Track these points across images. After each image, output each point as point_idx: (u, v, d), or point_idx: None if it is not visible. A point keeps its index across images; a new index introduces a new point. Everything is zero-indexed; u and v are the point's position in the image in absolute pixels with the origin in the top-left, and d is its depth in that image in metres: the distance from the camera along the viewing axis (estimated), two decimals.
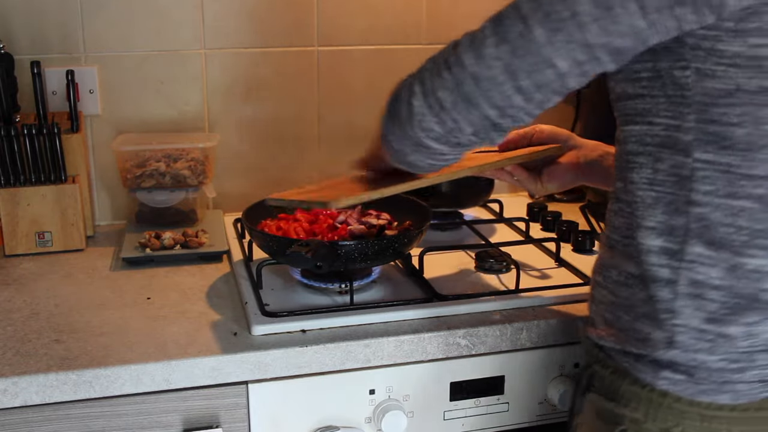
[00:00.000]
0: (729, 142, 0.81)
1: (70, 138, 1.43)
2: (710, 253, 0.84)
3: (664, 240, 0.86)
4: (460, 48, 0.86)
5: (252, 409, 1.10)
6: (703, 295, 0.85)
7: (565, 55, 0.81)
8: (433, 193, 1.50)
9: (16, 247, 1.40)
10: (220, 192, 1.59)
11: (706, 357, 0.85)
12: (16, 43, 1.48)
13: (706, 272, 0.84)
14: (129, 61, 1.55)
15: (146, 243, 1.39)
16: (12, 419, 1.03)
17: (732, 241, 0.83)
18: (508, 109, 0.86)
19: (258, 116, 1.64)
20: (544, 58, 0.81)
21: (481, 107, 0.86)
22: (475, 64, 0.84)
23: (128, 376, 1.03)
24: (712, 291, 0.85)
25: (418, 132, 0.91)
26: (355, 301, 1.17)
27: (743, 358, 0.85)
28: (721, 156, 0.82)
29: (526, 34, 0.81)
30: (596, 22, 0.78)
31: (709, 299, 0.85)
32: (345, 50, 1.64)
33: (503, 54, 0.83)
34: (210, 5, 1.56)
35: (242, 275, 1.29)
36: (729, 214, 0.83)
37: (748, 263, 0.83)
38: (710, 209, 0.83)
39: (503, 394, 1.20)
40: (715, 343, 0.85)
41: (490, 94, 0.85)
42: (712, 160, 0.83)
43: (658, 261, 0.87)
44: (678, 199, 0.85)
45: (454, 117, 0.87)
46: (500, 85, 0.84)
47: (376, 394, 1.14)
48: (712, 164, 0.83)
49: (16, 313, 1.18)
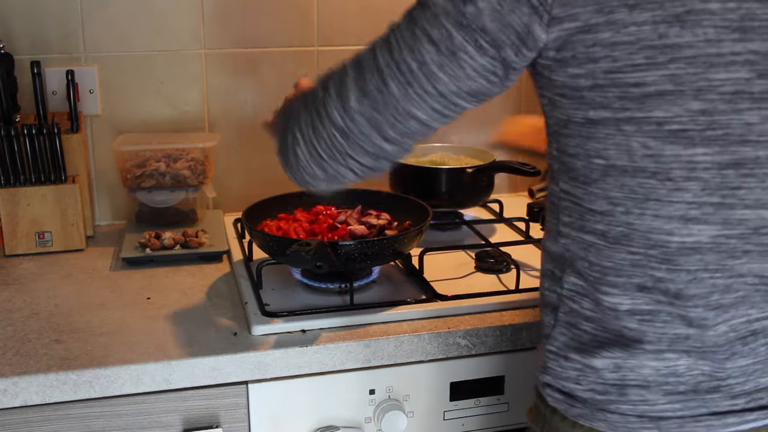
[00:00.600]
0: (574, 174, 0.82)
1: (70, 138, 1.43)
2: (581, 283, 0.84)
3: (552, 265, 0.87)
4: (328, 99, 0.88)
5: (252, 409, 1.10)
6: (577, 324, 0.85)
7: (423, 106, 0.83)
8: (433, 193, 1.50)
9: (16, 247, 1.40)
10: (220, 192, 1.59)
11: (573, 386, 0.85)
12: (16, 43, 1.48)
13: (579, 302, 0.84)
14: (129, 61, 1.55)
15: (146, 243, 1.39)
16: (12, 419, 1.03)
17: (588, 275, 0.83)
18: (381, 153, 0.88)
19: (258, 116, 1.64)
20: (403, 112, 0.83)
21: (355, 157, 0.88)
22: (342, 119, 0.86)
23: (128, 376, 1.03)
24: (584, 322, 0.84)
25: (305, 177, 0.94)
26: (355, 301, 1.17)
27: (613, 391, 0.83)
28: (572, 187, 0.82)
29: (383, 89, 0.83)
30: (442, 69, 0.80)
31: (582, 330, 0.84)
32: (345, 50, 1.63)
33: (366, 109, 0.85)
34: (210, 5, 1.56)
35: (242, 275, 1.29)
36: (582, 248, 0.82)
37: (605, 300, 0.82)
38: (570, 241, 0.84)
39: (503, 394, 1.20)
40: (583, 373, 0.84)
41: (361, 145, 0.87)
42: (567, 190, 0.83)
43: (548, 285, 0.88)
44: (554, 228, 0.86)
45: (334, 167, 0.90)
46: (368, 137, 0.86)
47: (376, 394, 1.14)
48: (569, 195, 0.83)
49: (16, 313, 1.18)
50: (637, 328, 0.81)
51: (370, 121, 0.85)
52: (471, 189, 1.52)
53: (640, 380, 0.81)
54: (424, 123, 0.85)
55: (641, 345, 0.81)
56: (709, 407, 0.81)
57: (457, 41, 0.79)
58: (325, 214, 1.35)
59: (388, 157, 0.89)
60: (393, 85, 0.83)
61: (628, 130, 0.76)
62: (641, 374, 0.81)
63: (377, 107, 0.84)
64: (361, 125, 0.85)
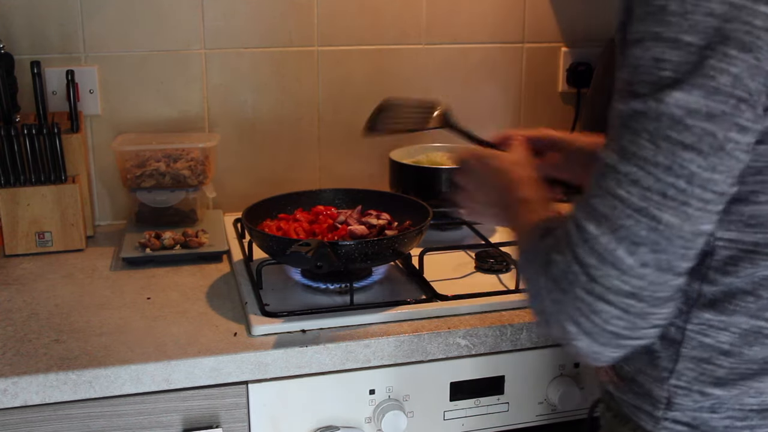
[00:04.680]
0: (755, 221, 0.77)
1: (70, 138, 1.43)
2: (724, 318, 0.80)
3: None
4: (592, 273, 0.72)
5: (252, 409, 1.10)
6: (711, 360, 0.81)
7: (709, 216, 0.71)
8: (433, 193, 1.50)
9: (16, 247, 1.40)
10: (220, 192, 1.59)
11: (708, 415, 0.82)
12: (16, 43, 1.48)
13: (715, 336, 0.80)
14: (129, 61, 1.55)
15: (146, 243, 1.39)
16: (12, 419, 1.03)
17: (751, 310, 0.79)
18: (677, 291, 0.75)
19: (258, 116, 1.64)
20: (690, 235, 0.71)
21: (657, 312, 0.74)
22: (627, 283, 0.72)
23: (128, 376, 1.03)
24: (720, 356, 0.81)
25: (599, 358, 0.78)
26: (355, 301, 1.17)
27: (752, 416, 0.81)
28: (746, 235, 0.78)
29: (656, 226, 0.70)
30: (715, 170, 0.69)
31: (716, 364, 0.81)
32: (345, 50, 1.64)
33: (647, 258, 0.71)
34: (210, 5, 1.56)
35: (242, 275, 1.29)
36: (749, 285, 0.79)
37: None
38: (727, 282, 0.80)
39: (503, 394, 1.20)
40: (719, 401, 0.81)
41: (658, 296, 0.73)
42: (735, 239, 0.78)
43: None
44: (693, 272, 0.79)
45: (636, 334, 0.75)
46: (663, 283, 0.72)
47: (376, 394, 1.14)
48: (735, 243, 0.78)
49: (16, 313, 1.18)
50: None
51: (658, 267, 0.71)
52: None
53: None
54: (710, 232, 0.73)
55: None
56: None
57: (720, 135, 0.68)
58: (325, 214, 1.35)
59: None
60: (667, 215, 0.70)
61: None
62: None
63: (659, 248, 0.71)
64: (649, 277, 0.71)
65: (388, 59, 1.66)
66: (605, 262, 0.71)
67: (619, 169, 0.71)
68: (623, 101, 0.72)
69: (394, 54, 1.66)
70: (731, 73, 0.67)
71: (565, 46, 1.77)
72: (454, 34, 1.69)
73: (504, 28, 1.72)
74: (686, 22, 0.68)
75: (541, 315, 0.79)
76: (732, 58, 0.67)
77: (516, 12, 1.72)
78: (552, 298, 0.76)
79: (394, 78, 1.68)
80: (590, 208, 0.73)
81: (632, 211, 0.70)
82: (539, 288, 0.78)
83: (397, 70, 1.68)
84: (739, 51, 0.67)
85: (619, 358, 0.77)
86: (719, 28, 0.67)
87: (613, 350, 0.75)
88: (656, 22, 0.69)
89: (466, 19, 1.69)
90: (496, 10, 1.70)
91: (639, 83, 0.70)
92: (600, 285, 0.72)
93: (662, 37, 0.69)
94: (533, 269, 0.80)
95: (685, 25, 0.68)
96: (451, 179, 1.11)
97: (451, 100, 1.28)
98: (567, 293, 0.74)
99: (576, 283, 0.73)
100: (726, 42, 0.67)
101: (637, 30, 0.71)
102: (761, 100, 0.69)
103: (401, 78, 1.68)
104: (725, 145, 0.69)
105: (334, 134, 1.68)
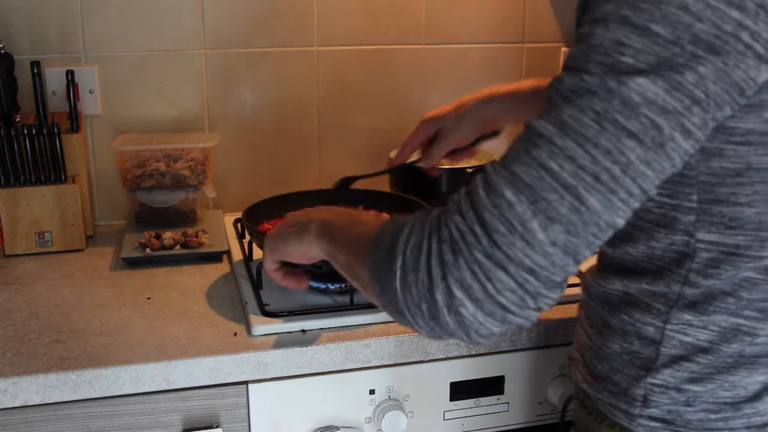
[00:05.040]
0: (736, 223, 0.77)
1: (70, 138, 1.43)
2: (704, 318, 0.81)
3: (651, 300, 0.83)
4: (498, 239, 0.69)
5: (252, 409, 1.10)
6: (689, 357, 0.82)
7: (627, 211, 0.70)
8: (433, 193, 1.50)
9: (16, 247, 1.40)
10: (220, 192, 1.59)
11: (684, 408, 0.83)
12: (16, 43, 1.48)
13: (695, 335, 0.81)
14: (129, 61, 1.55)
15: (146, 243, 1.39)
16: (12, 419, 1.03)
17: (732, 310, 0.80)
18: (567, 279, 0.74)
19: (258, 116, 1.64)
20: (605, 225, 0.70)
21: (547, 294, 0.72)
22: (530, 258, 0.69)
23: (128, 376, 1.03)
24: (699, 353, 0.81)
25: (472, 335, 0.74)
26: (355, 301, 1.17)
27: (726, 408, 0.82)
28: (725, 237, 0.77)
29: (580, 207, 0.68)
30: (649, 166, 0.68)
31: (694, 361, 0.82)
32: (345, 50, 1.64)
33: (559, 237, 0.69)
34: (210, 5, 1.56)
35: (242, 275, 1.29)
36: (729, 287, 0.80)
37: (759, 328, 0.80)
38: (707, 284, 0.80)
39: (503, 394, 1.20)
40: (695, 395, 0.82)
41: (554, 279, 0.71)
42: (714, 240, 0.78)
43: (639, 318, 0.84)
44: (669, 274, 0.81)
45: (521, 315, 0.72)
46: (563, 267, 0.71)
47: (376, 394, 1.14)
48: (715, 245, 0.78)
49: (16, 313, 1.18)
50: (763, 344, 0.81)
51: (565, 249, 0.69)
52: None
53: (750, 394, 0.81)
54: (617, 226, 0.71)
55: (759, 360, 0.81)
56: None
57: (666, 131, 0.67)
58: None
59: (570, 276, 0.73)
60: (593, 199, 0.68)
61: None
62: (751, 390, 0.81)
63: (573, 230, 0.69)
64: (554, 257, 0.69)
65: (388, 59, 1.66)
66: (514, 231, 0.69)
67: (554, 142, 0.68)
68: (571, 75, 0.69)
69: (394, 54, 1.66)
70: (698, 72, 0.67)
71: (565, 46, 1.77)
72: (454, 34, 1.69)
73: (504, 28, 1.72)
74: (658, 12, 0.66)
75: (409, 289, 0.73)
76: (700, 58, 0.66)
77: (516, 12, 1.72)
78: (440, 260, 0.71)
79: (394, 78, 1.68)
80: (511, 174, 0.70)
81: (559, 185, 0.68)
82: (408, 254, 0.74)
83: (397, 70, 1.68)
84: (708, 53, 0.66)
85: (493, 336, 0.74)
86: (690, 25, 0.66)
87: (495, 324, 0.72)
88: (626, 6, 0.67)
89: (466, 19, 1.69)
90: (496, 10, 1.70)
91: (593, 62, 0.68)
92: (502, 253, 0.69)
93: (630, 22, 0.67)
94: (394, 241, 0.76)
95: (657, 14, 0.66)
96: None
97: (451, 100, 1.28)
98: (461, 254, 0.70)
99: (475, 246, 0.70)
100: (696, 42, 0.66)
101: (602, 10, 0.69)
102: (717, 105, 0.68)
103: (401, 78, 1.68)
104: (666, 143, 0.68)
105: (334, 134, 1.68)
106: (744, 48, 0.67)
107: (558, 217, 0.68)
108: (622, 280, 0.85)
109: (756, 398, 0.81)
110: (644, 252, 0.82)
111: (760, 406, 0.81)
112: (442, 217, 0.73)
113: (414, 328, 0.77)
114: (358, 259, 0.82)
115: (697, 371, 0.82)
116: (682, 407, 0.83)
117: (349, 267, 0.86)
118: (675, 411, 0.83)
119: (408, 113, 1.70)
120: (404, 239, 0.75)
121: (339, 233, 0.89)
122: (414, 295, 0.73)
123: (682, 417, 0.83)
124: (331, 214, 0.94)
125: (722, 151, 0.74)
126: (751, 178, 0.74)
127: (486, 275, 0.70)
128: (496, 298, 0.70)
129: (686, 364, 0.82)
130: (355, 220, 0.89)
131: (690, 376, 0.82)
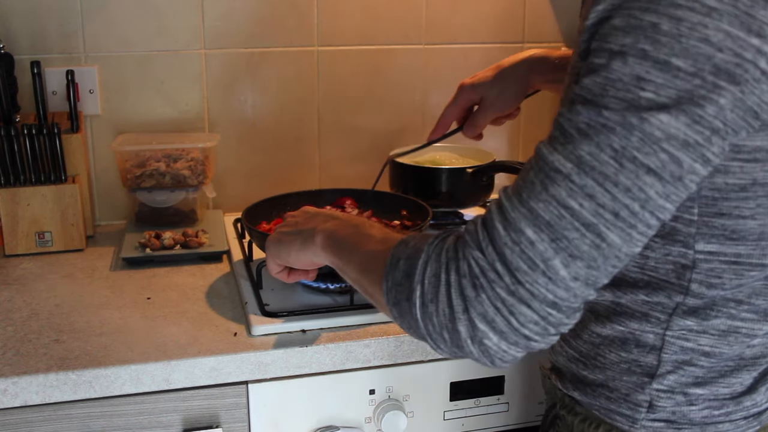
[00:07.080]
0: (738, 234, 0.77)
1: (70, 138, 1.43)
2: (707, 322, 0.82)
3: (648, 308, 0.83)
4: (520, 276, 0.70)
5: (252, 409, 1.10)
6: (692, 361, 0.83)
7: (644, 240, 0.71)
8: (433, 193, 1.50)
9: (16, 247, 1.40)
10: (220, 192, 1.59)
11: (687, 408, 0.84)
12: (16, 43, 1.48)
13: (696, 340, 0.82)
14: (129, 61, 1.55)
15: (146, 243, 1.39)
16: (12, 419, 1.03)
17: (735, 315, 0.82)
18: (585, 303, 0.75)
19: (258, 116, 1.64)
20: (625, 257, 0.71)
21: (568, 322, 0.74)
22: (552, 293, 0.70)
23: (128, 376, 1.03)
24: (702, 358, 0.82)
25: (496, 362, 0.75)
26: (355, 301, 1.17)
27: (728, 404, 0.84)
28: (726, 247, 0.78)
29: (601, 244, 0.69)
30: (668, 199, 0.69)
31: (697, 365, 0.83)
32: (345, 50, 1.64)
33: (580, 272, 0.69)
34: (210, 5, 1.56)
35: (242, 275, 1.29)
36: (732, 293, 0.81)
37: (759, 329, 0.82)
38: (712, 294, 0.81)
39: (503, 394, 1.20)
40: (699, 395, 0.84)
41: (574, 307, 0.72)
42: (715, 251, 0.78)
43: (638, 327, 0.84)
44: (670, 285, 0.81)
45: (544, 341, 0.74)
46: (583, 297, 0.72)
47: (376, 394, 1.14)
48: (716, 255, 0.78)
49: (16, 313, 1.18)
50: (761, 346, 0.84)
51: (586, 282, 0.70)
52: (471, 189, 1.52)
53: (747, 388, 0.84)
54: (634, 255, 0.72)
55: (758, 360, 0.84)
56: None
57: (686, 164, 0.67)
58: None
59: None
60: (613, 235, 0.68)
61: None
62: (746, 384, 0.84)
63: (594, 264, 0.69)
64: (576, 290, 0.70)
65: (389, 59, 1.66)
66: (537, 268, 0.69)
67: (573, 180, 0.68)
68: (588, 109, 0.68)
69: (395, 54, 1.66)
70: (718, 104, 0.66)
71: (565, 46, 1.77)
72: (454, 34, 1.69)
73: (504, 28, 1.72)
74: (678, 45, 0.65)
75: (430, 318, 0.74)
76: (721, 89, 0.66)
77: (516, 12, 1.72)
78: (461, 294, 0.72)
79: (395, 78, 1.68)
80: (529, 211, 0.70)
81: (580, 224, 0.68)
82: (427, 285, 0.74)
83: (398, 70, 1.68)
84: (728, 83, 0.66)
85: (516, 361, 0.75)
86: (711, 57, 0.65)
87: (518, 350, 0.73)
88: (645, 39, 0.66)
89: (466, 19, 1.69)
90: (496, 10, 1.70)
91: (612, 98, 0.67)
92: (525, 290, 0.70)
93: (650, 56, 0.66)
94: (411, 268, 0.76)
95: (678, 48, 0.65)
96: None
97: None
98: (483, 290, 0.71)
99: (497, 283, 0.70)
100: (717, 72, 0.65)
101: (619, 42, 0.67)
102: (734, 132, 0.68)
103: (401, 78, 1.68)
104: (685, 176, 0.68)
105: (334, 134, 1.68)
106: (760, 75, 0.66)
107: (579, 254, 0.69)
108: (612, 291, 0.85)
109: (752, 390, 0.84)
110: (636, 262, 0.82)
111: (758, 398, 0.85)
112: (459, 249, 0.73)
113: (437, 352, 0.78)
114: (372, 281, 0.82)
115: (702, 375, 0.83)
116: (686, 407, 0.84)
117: (361, 285, 0.87)
118: (679, 411, 0.84)
119: (408, 113, 1.70)
120: (421, 268, 0.75)
121: (345, 246, 0.90)
122: (435, 324, 0.74)
123: (686, 416, 0.84)
124: (334, 224, 0.94)
125: (727, 167, 0.73)
126: (755, 192, 0.74)
127: (509, 310, 0.70)
128: (520, 330, 0.71)
129: (690, 369, 0.83)
130: (359, 232, 0.89)
131: (695, 380, 0.83)
